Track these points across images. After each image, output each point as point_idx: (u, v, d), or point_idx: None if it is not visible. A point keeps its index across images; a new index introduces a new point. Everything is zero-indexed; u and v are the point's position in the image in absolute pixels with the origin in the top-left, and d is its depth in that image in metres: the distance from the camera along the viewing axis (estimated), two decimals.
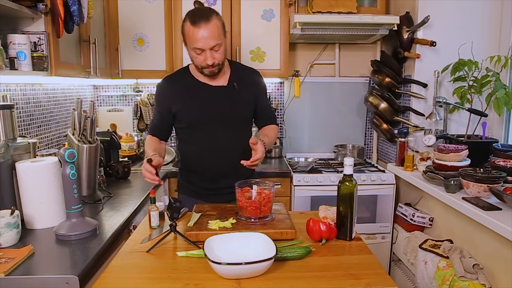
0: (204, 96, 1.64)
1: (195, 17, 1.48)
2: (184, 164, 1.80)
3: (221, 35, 1.52)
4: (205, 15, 1.48)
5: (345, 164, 1.30)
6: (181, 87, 1.66)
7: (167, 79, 1.71)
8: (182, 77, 1.69)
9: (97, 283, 1.03)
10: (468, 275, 1.61)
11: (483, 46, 2.32)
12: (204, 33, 1.46)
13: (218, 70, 1.59)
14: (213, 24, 1.47)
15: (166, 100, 1.66)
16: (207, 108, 1.63)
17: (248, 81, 1.71)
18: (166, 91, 1.68)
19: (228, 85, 1.66)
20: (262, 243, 1.15)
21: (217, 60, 1.54)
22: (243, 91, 1.67)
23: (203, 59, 1.52)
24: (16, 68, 1.54)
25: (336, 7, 2.46)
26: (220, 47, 1.53)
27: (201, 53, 1.51)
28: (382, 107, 2.59)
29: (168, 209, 1.28)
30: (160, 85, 1.70)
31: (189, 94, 1.64)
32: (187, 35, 1.52)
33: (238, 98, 1.66)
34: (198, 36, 1.47)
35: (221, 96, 1.64)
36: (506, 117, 2.29)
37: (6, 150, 1.40)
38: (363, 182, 2.41)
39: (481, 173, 1.78)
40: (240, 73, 1.71)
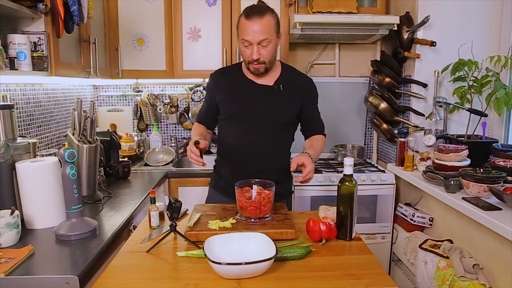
0: (247, 91, 1.65)
1: (250, 11, 1.52)
2: (219, 156, 1.82)
3: (271, 32, 1.52)
4: (260, 10, 1.52)
5: (345, 164, 1.30)
6: (229, 79, 1.69)
7: (218, 71, 1.76)
8: (233, 71, 1.72)
9: (97, 283, 1.03)
10: (468, 275, 1.61)
11: (483, 46, 2.32)
12: (254, 27, 1.48)
13: (264, 70, 1.58)
14: (265, 20, 1.50)
15: (213, 89, 1.70)
16: (246, 103, 1.63)
17: (297, 86, 1.68)
18: (215, 81, 1.71)
19: (273, 86, 1.65)
20: (262, 243, 1.15)
21: (262, 57, 1.53)
22: (288, 94, 1.65)
23: (250, 53, 1.53)
24: (16, 68, 1.54)
25: (336, 7, 2.46)
26: (269, 44, 1.52)
27: (248, 46, 1.53)
28: (382, 107, 2.59)
29: (168, 209, 1.28)
30: (211, 75, 1.74)
31: (234, 87, 1.66)
32: (239, 27, 1.55)
33: (280, 100, 1.64)
34: (248, 29, 1.50)
35: (263, 95, 1.64)
36: (506, 117, 2.29)
37: (6, 150, 1.40)
38: (363, 182, 2.41)
39: (481, 173, 1.78)
40: (290, 76, 1.69)
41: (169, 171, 2.43)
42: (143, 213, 1.78)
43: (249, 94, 1.65)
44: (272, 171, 1.63)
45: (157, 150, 2.78)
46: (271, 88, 1.64)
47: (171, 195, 2.43)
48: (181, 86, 2.94)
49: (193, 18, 2.57)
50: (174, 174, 2.43)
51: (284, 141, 1.74)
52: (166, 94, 2.95)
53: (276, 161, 1.71)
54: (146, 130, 2.99)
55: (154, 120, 2.91)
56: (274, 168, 1.68)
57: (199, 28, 2.58)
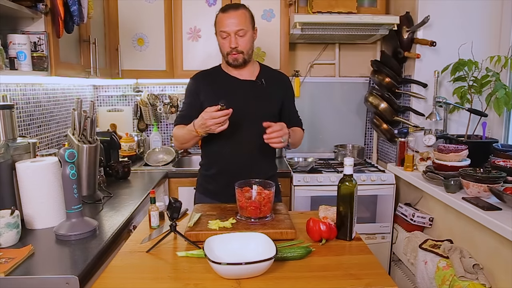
0: (230, 87, 1.68)
1: (226, 6, 1.63)
2: (205, 158, 1.79)
3: (247, 24, 1.60)
4: (235, 5, 1.63)
5: (345, 164, 1.30)
6: (211, 78, 1.72)
7: (198, 73, 1.77)
8: (213, 71, 1.75)
9: (97, 283, 1.03)
10: (468, 275, 1.61)
11: (483, 46, 2.32)
12: (231, 18, 1.58)
13: (243, 61, 1.63)
14: (240, 12, 1.59)
15: (195, 90, 1.71)
16: (233, 99, 1.60)
17: (277, 81, 1.75)
18: (196, 81, 1.73)
19: (256, 80, 1.70)
20: (262, 243, 1.15)
21: (240, 46, 1.60)
22: (270, 88, 1.71)
23: (228, 43, 1.60)
24: (16, 68, 1.54)
25: (336, 7, 2.46)
26: (245, 34, 1.60)
27: (226, 37, 1.60)
28: (382, 107, 2.59)
29: (168, 209, 1.28)
30: (191, 79, 1.76)
31: (217, 85, 1.69)
32: (217, 22, 1.64)
33: (264, 94, 1.69)
34: (225, 21, 1.58)
35: (247, 89, 1.68)
36: (506, 117, 2.29)
37: (6, 150, 1.40)
38: (363, 182, 2.41)
39: (481, 173, 1.78)
40: (270, 73, 1.76)
41: (169, 171, 2.43)
42: (143, 213, 1.78)
43: (233, 89, 1.68)
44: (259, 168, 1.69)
45: (157, 150, 2.78)
46: (254, 83, 1.70)
47: (171, 195, 2.43)
48: (181, 86, 2.94)
49: (193, 18, 2.57)
50: (174, 174, 2.43)
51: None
52: (166, 94, 2.95)
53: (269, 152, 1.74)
54: (146, 130, 2.99)
55: (154, 120, 2.91)
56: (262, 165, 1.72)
57: (199, 28, 2.58)
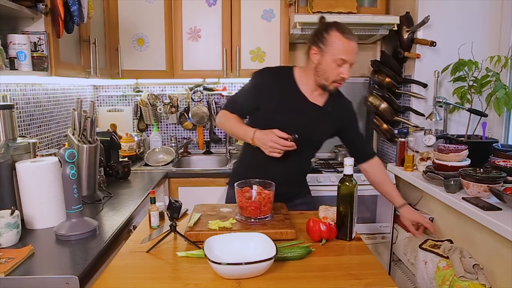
0: (297, 105, 1.59)
1: (344, 29, 1.47)
2: (246, 160, 1.75)
3: None
4: (351, 32, 1.48)
5: (345, 164, 1.30)
6: (280, 83, 1.61)
7: (269, 71, 1.66)
8: (285, 77, 1.63)
9: (97, 283, 1.03)
10: (468, 275, 1.61)
11: (483, 46, 2.31)
12: (354, 47, 1.46)
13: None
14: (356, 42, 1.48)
15: (260, 89, 1.60)
16: (292, 119, 1.57)
17: (341, 109, 1.67)
18: (264, 82, 1.61)
19: (323, 107, 1.62)
20: (262, 243, 1.15)
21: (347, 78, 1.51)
22: (332, 118, 1.64)
23: (340, 72, 1.48)
24: (16, 68, 1.54)
25: (336, 7, 2.46)
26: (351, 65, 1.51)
27: (341, 65, 1.48)
28: (382, 107, 2.58)
29: (168, 209, 1.28)
30: (261, 73, 1.65)
31: (284, 96, 1.59)
32: (334, 43, 1.46)
33: (325, 122, 1.61)
34: (349, 48, 1.45)
35: (312, 114, 1.60)
36: (506, 117, 2.29)
37: (6, 150, 1.40)
38: (363, 182, 2.40)
39: (481, 173, 1.78)
40: (337, 98, 1.67)
41: (169, 171, 2.43)
42: (143, 213, 1.78)
43: (299, 110, 1.59)
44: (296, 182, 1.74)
45: (157, 150, 2.78)
46: (322, 109, 1.61)
47: (171, 195, 2.43)
48: (181, 86, 2.94)
49: (193, 18, 2.57)
50: (174, 174, 2.43)
51: (312, 157, 1.78)
52: (166, 94, 2.95)
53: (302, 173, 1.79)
54: (146, 130, 2.99)
55: (154, 120, 2.91)
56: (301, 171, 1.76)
57: (199, 28, 2.58)
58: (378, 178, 1.72)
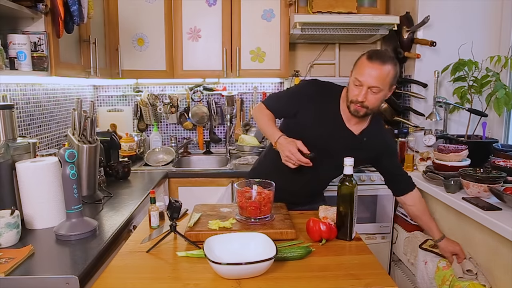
0: (332, 127, 1.58)
1: (374, 54, 1.47)
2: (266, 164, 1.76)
3: (386, 83, 1.46)
4: (384, 57, 1.46)
5: (345, 164, 1.31)
6: (324, 100, 1.60)
7: (319, 83, 1.65)
8: (331, 94, 1.62)
9: (97, 283, 1.03)
10: (467, 276, 1.61)
11: (483, 46, 2.32)
12: (372, 71, 1.44)
13: (363, 115, 1.52)
14: (385, 68, 1.44)
15: (303, 101, 1.60)
16: (324, 141, 1.56)
17: (378, 143, 1.63)
18: (310, 94, 1.61)
19: (358, 136, 1.60)
20: (262, 243, 1.15)
21: (367, 102, 1.47)
22: (364, 150, 1.60)
23: (357, 93, 1.47)
24: (16, 68, 1.54)
25: (336, 7, 2.46)
26: (379, 93, 1.46)
27: (358, 86, 1.47)
28: (382, 107, 2.58)
29: (168, 209, 1.28)
30: (310, 81, 1.66)
31: (323, 115, 1.59)
32: (358, 64, 1.50)
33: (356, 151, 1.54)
34: (365, 70, 1.45)
35: (345, 141, 1.58)
36: (506, 117, 2.29)
37: (6, 150, 1.40)
38: (363, 182, 2.41)
39: (481, 173, 1.78)
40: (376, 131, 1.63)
41: (169, 171, 2.43)
42: (143, 213, 1.78)
43: (332, 133, 1.58)
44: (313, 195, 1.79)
45: (157, 150, 2.78)
46: (356, 138, 1.59)
47: (171, 195, 2.43)
48: (181, 86, 2.94)
49: (193, 18, 2.57)
50: (174, 174, 2.43)
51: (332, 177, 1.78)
52: (166, 94, 2.95)
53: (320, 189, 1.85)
54: (146, 130, 2.99)
55: (154, 120, 2.91)
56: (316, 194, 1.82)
57: (199, 28, 2.58)
58: (416, 211, 1.71)
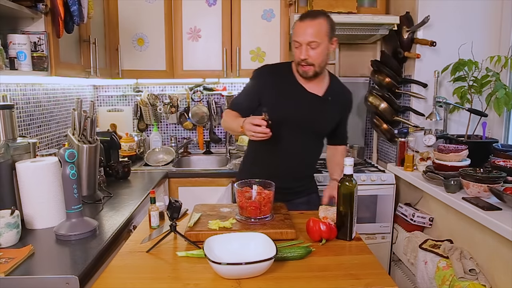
0: (296, 98, 1.61)
1: (305, 14, 1.55)
2: (248, 158, 1.77)
3: (322, 35, 1.50)
4: (313, 13, 1.53)
5: (345, 164, 1.30)
6: (278, 79, 1.64)
7: (268, 67, 1.70)
8: (284, 70, 1.67)
9: (97, 283, 1.03)
10: (468, 276, 1.61)
11: (483, 46, 2.32)
12: (306, 28, 1.49)
13: (313, 74, 1.56)
14: (317, 22, 1.50)
15: (260, 85, 1.64)
16: (293, 110, 1.60)
17: (341, 99, 1.69)
18: (262, 77, 1.65)
19: (323, 97, 1.63)
20: (262, 243, 1.15)
21: (311, 58, 1.51)
22: (333, 108, 1.64)
23: (299, 53, 1.53)
24: (16, 68, 1.54)
25: (336, 7, 2.46)
26: (318, 46, 1.51)
27: (298, 47, 1.53)
28: (382, 107, 2.58)
29: (168, 209, 1.28)
30: (259, 69, 1.69)
31: (283, 90, 1.62)
32: (293, 29, 1.57)
33: (326, 112, 1.62)
34: (299, 30, 1.51)
35: (312, 105, 1.61)
36: (506, 117, 2.29)
37: (6, 150, 1.40)
38: (363, 182, 2.41)
39: (481, 173, 1.78)
40: (337, 89, 1.69)
41: (169, 171, 2.43)
42: (143, 213, 1.78)
43: (298, 101, 1.61)
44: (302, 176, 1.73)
45: (157, 150, 2.78)
46: (321, 99, 1.62)
47: (171, 195, 2.43)
48: (181, 86, 2.94)
49: (193, 18, 2.57)
50: (174, 174, 2.43)
51: (318, 149, 1.77)
52: (166, 94, 2.95)
53: (307, 167, 1.77)
54: (146, 130, 2.99)
55: (154, 120, 2.91)
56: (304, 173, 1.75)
57: (199, 28, 2.58)
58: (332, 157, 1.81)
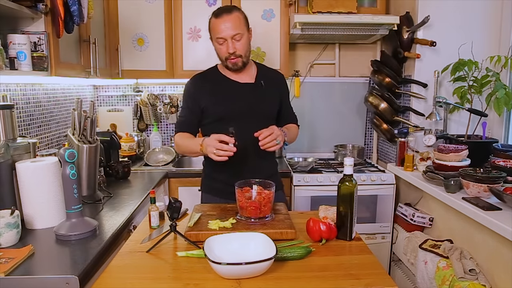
0: (232, 91, 1.68)
1: (218, 11, 1.60)
2: (208, 161, 1.77)
3: (242, 26, 1.59)
4: (227, 8, 1.61)
5: (345, 164, 1.30)
6: (210, 83, 1.70)
7: (196, 76, 1.75)
8: (211, 74, 1.73)
9: (97, 283, 1.03)
10: (468, 276, 1.61)
11: (483, 46, 2.32)
12: (225, 22, 1.56)
13: (242, 64, 1.63)
14: (234, 15, 1.57)
15: (195, 95, 1.69)
16: (234, 103, 1.66)
17: (274, 81, 1.76)
18: (195, 86, 1.70)
19: (255, 82, 1.70)
20: (262, 243, 1.15)
21: (238, 50, 1.59)
22: (269, 90, 1.71)
23: (225, 49, 1.59)
24: (16, 68, 1.54)
25: (336, 7, 2.46)
26: (242, 38, 1.59)
27: (223, 43, 1.59)
28: (382, 107, 2.58)
29: (168, 209, 1.28)
30: (189, 81, 1.74)
31: (217, 90, 1.68)
32: (211, 28, 1.62)
33: (264, 96, 1.69)
34: (220, 26, 1.56)
35: (248, 93, 1.68)
36: (506, 117, 2.29)
37: (6, 150, 1.40)
38: (363, 182, 2.41)
39: (481, 173, 1.78)
40: (267, 73, 1.76)
41: (169, 171, 2.43)
42: (143, 213, 1.78)
43: (236, 94, 1.67)
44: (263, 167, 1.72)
45: (157, 150, 2.78)
46: (254, 85, 1.70)
47: (171, 195, 2.43)
48: (181, 86, 2.94)
49: (193, 18, 2.57)
50: (174, 174, 2.43)
51: None
52: (166, 94, 2.95)
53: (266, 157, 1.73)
54: (146, 130, 2.99)
55: (154, 120, 2.91)
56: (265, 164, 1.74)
57: (199, 28, 2.58)
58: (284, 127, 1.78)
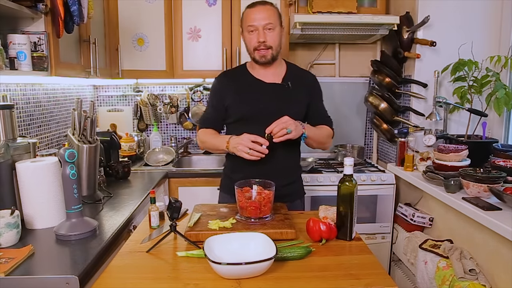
0: (257, 91, 1.65)
1: (252, 3, 1.61)
2: (230, 161, 1.77)
3: (275, 19, 1.59)
4: (262, 1, 1.62)
5: (345, 164, 1.30)
6: (236, 81, 1.68)
7: (223, 73, 1.75)
8: (238, 72, 1.72)
9: (97, 283, 1.03)
10: (468, 276, 1.61)
11: (483, 46, 2.32)
12: (259, 13, 1.57)
13: (271, 57, 1.60)
14: (268, 7, 1.59)
15: (220, 92, 1.68)
16: (258, 103, 1.63)
17: (303, 82, 1.70)
18: (221, 83, 1.70)
19: (282, 83, 1.66)
20: (262, 243, 1.15)
21: (268, 41, 1.57)
22: (297, 91, 1.66)
23: (256, 38, 1.57)
24: (16, 68, 1.54)
25: (336, 7, 2.45)
26: (274, 29, 1.58)
27: (254, 32, 1.57)
28: (382, 107, 2.58)
29: (168, 209, 1.28)
30: (216, 78, 1.73)
31: (242, 88, 1.66)
32: (243, 18, 1.62)
33: (290, 98, 1.65)
34: (252, 15, 1.57)
35: (273, 93, 1.65)
36: (506, 117, 2.29)
37: (6, 150, 1.40)
38: (363, 182, 2.41)
39: (481, 173, 1.78)
40: (296, 73, 1.72)
41: (169, 171, 2.43)
42: (143, 213, 1.78)
43: (260, 95, 1.64)
44: (285, 170, 1.69)
45: (157, 150, 2.78)
46: (281, 86, 1.66)
47: (171, 195, 2.43)
48: (181, 86, 2.94)
49: (193, 18, 2.57)
50: (174, 174, 2.43)
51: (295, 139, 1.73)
52: (166, 94, 2.95)
53: (289, 159, 1.72)
54: (146, 130, 2.99)
55: (154, 120, 2.91)
56: (287, 166, 1.71)
57: (199, 28, 2.58)
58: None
